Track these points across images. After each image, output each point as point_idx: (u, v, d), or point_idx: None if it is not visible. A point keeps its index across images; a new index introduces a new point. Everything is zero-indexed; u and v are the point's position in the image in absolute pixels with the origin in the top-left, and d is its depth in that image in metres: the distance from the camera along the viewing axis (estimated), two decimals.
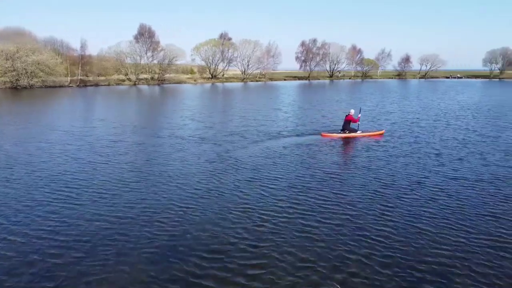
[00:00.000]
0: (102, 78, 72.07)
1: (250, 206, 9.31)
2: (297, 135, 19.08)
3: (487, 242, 7.45)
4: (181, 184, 11.04)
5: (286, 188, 10.69)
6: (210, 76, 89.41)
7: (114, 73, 75.75)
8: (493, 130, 20.44)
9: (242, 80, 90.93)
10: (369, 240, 7.54)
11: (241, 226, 8.21)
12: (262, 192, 10.34)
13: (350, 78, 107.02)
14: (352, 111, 19.04)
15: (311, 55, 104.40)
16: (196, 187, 10.77)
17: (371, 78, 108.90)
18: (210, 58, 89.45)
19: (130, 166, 13.04)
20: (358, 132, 18.69)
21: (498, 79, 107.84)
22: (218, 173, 12.16)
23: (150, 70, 79.00)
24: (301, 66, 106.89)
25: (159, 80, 76.87)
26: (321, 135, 18.83)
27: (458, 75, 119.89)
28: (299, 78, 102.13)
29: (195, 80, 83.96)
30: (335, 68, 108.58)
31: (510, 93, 54.95)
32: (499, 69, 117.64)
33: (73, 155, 14.64)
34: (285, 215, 8.79)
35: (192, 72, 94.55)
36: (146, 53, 78.92)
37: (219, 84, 79.41)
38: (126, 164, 13.30)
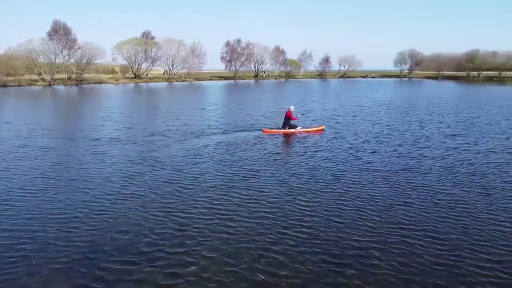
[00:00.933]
0: (11, 78, 65.86)
1: (170, 208, 8.93)
2: (236, 131, 19.25)
3: (396, 230, 7.86)
4: (95, 188, 10.30)
5: (208, 188, 10.46)
6: (133, 76, 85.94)
7: (25, 73, 69.56)
8: (402, 124, 22.01)
9: (167, 80, 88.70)
10: (288, 235, 7.58)
11: (160, 230, 7.83)
12: (183, 193, 10.00)
13: (275, 78, 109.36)
14: (292, 108, 19.50)
15: (236, 55, 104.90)
16: (112, 190, 10.11)
17: (294, 78, 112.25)
18: (133, 57, 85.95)
19: (36, 172, 11.90)
20: (298, 128, 19.09)
21: (407, 78, 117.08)
22: (137, 175, 11.56)
23: (67, 70, 73.84)
24: (226, 66, 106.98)
25: (77, 80, 72.09)
26: (262, 130, 19.01)
27: (373, 75, 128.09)
28: (225, 78, 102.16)
29: (117, 80, 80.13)
30: (260, 68, 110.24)
31: (416, 91, 59.89)
32: (408, 69, 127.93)
33: None
34: (205, 216, 8.56)
35: (113, 72, 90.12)
36: (61, 52, 73.69)
37: (142, 84, 76.59)
38: (31, 170, 12.12)
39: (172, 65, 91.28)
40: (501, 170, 12.12)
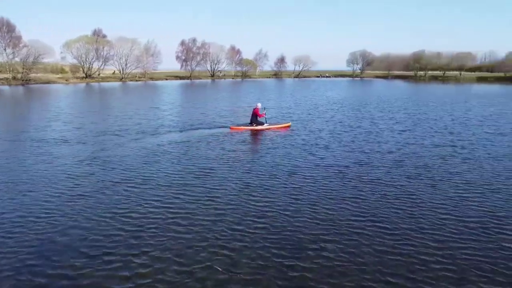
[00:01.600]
0: None
1: (120, 209, 8.59)
2: (196, 129, 19.17)
3: (348, 222, 8.02)
4: (38, 191, 9.73)
5: (160, 187, 10.18)
6: (84, 76, 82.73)
7: None
8: (354, 121, 22.64)
9: (121, 79, 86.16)
10: (243, 232, 7.51)
11: (109, 231, 7.50)
12: (134, 193, 9.67)
13: (232, 78, 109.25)
14: (259, 105, 19.50)
15: (191, 55, 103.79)
16: (57, 192, 9.58)
17: (251, 78, 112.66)
18: (84, 56, 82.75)
19: None
20: (266, 125, 19.13)
21: (359, 78, 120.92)
22: (85, 176, 11.04)
23: (11, 69, 69.76)
24: (182, 66, 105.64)
25: (23, 80, 68.24)
26: (230, 128, 19.03)
27: (327, 75, 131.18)
28: (181, 77, 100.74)
29: (66, 80, 76.72)
30: (216, 68, 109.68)
31: (368, 89, 61.97)
32: (360, 69, 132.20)
33: None
34: (157, 216, 8.31)
35: (63, 71, 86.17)
36: (5, 50, 69.49)
37: (94, 84, 73.88)
38: None
39: (126, 64, 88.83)
40: (446, 162, 12.73)
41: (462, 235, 7.35)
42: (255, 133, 18.44)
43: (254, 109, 19.34)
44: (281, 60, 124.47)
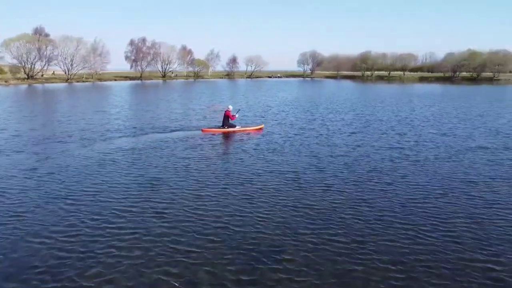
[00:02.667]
0: None
1: (59, 227, 8.03)
2: (156, 133, 18.76)
3: (304, 224, 8.00)
4: None
5: (109, 198, 9.66)
6: (26, 77, 78.05)
7: None
8: (306, 123, 22.95)
9: (66, 80, 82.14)
10: (202, 239, 7.27)
11: (46, 253, 6.96)
12: (74, 209, 9.09)
13: (185, 78, 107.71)
14: (231, 107, 19.33)
15: (141, 55, 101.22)
16: None
17: (203, 78, 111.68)
18: (25, 56, 77.97)
19: None
20: (237, 127, 18.93)
21: (310, 78, 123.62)
22: (18, 190, 10.25)
23: None
24: (132, 66, 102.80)
25: None
26: (202, 130, 18.83)
27: (279, 75, 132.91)
28: (131, 78, 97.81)
29: (6, 82, 71.91)
30: (167, 68, 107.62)
31: (318, 90, 63.42)
32: (310, 70, 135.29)
33: None
34: (100, 234, 7.85)
35: (1, 72, 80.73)
36: None
37: (37, 86, 69.88)
38: None
39: (71, 64, 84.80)
40: (394, 165, 13.15)
41: (408, 234, 7.57)
42: (227, 136, 18.37)
43: (225, 111, 19.14)
44: (233, 60, 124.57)
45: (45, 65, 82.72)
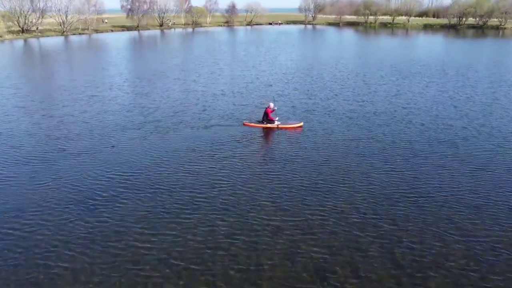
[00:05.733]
0: None
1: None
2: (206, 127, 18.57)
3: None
4: None
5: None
6: (21, 30, 76.46)
7: None
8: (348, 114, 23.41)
9: (62, 33, 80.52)
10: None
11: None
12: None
13: (183, 27, 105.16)
14: (271, 105, 19.27)
15: (137, 3, 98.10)
16: None
17: (202, 27, 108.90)
18: (17, 8, 75.75)
19: None
20: (276, 122, 19.13)
21: (311, 26, 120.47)
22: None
23: None
24: (128, 15, 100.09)
25: None
26: (244, 124, 19.36)
27: (279, 22, 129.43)
28: (128, 28, 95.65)
29: (1, 37, 70.59)
30: (165, 17, 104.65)
31: (323, 47, 62.19)
32: (312, 16, 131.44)
33: None
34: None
35: None
36: None
37: (33, 41, 68.90)
38: None
39: (66, 16, 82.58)
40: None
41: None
42: (267, 132, 18.35)
43: (266, 108, 19.42)
44: (232, 7, 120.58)
45: (39, 18, 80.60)
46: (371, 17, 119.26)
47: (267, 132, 18.49)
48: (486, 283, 7.94)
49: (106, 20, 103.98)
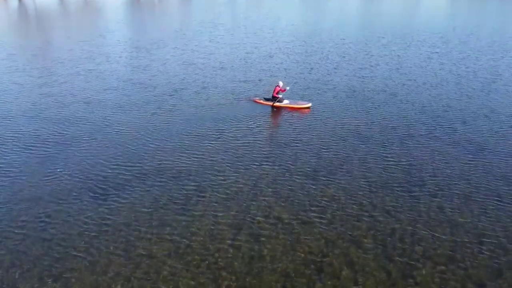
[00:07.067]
0: None
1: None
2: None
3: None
4: None
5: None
6: None
7: None
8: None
9: None
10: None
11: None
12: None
13: None
14: (281, 84, 19.30)
15: None
16: None
17: None
18: None
19: None
20: (285, 102, 19.33)
21: None
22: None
23: None
24: None
25: None
26: (254, 100, 19.76)
27: None
28: None
29: None
30: None
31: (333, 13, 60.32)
32: None
33: None
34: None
35: None
36: None
37: (28, 3, 67.19)
38: None
39: None
40: None
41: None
42: (275, 111, 18.72)
43: (276, 86, 19.46)
44: None
45: None
46: None
47: (272, 113, 18.69)
48: (471, 276, 8.55)
49: None
